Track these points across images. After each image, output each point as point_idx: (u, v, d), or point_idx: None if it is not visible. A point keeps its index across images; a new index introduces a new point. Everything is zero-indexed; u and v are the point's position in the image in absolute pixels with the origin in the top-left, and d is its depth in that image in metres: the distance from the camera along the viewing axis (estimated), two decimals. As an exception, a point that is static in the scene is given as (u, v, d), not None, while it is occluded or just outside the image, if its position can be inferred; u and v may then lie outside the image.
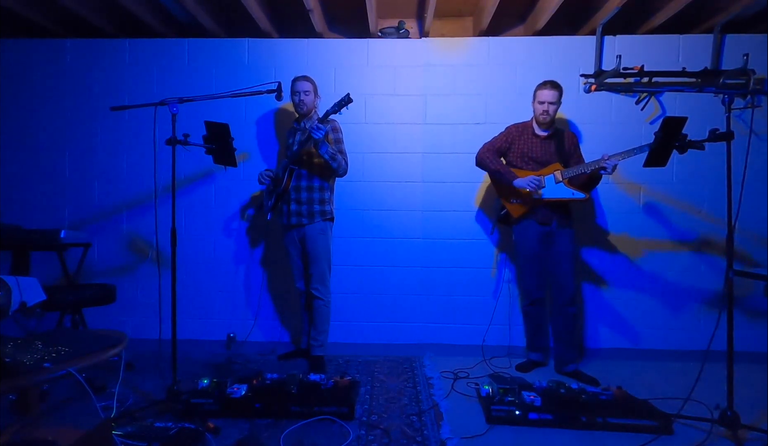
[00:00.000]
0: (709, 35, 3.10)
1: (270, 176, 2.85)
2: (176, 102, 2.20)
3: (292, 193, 2.78)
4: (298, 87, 2.76)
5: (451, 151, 3.23)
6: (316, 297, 2.79)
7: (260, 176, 2.87)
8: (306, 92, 2.76)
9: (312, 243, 2.76)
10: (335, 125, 2.79)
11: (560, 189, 2.66)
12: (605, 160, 2.54)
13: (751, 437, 1.93)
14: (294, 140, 2.83)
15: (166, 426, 1.91)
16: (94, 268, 3.30)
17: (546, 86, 2.68)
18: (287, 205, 2.81)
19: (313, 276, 2.79)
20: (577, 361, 2.77)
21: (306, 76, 2.81)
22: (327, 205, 2.81)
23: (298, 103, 2.77)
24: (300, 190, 2.77)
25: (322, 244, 2.78)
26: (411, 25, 3.37)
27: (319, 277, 2.78)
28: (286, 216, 2.82)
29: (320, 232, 2.78)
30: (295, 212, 2.78)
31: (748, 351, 2.99)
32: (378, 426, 2.04)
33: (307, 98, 2.77)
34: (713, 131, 2.00)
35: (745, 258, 3.10)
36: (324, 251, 2.79)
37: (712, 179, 3.13)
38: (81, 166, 3.32)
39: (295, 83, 2.78)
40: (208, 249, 3.30)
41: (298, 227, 2.80)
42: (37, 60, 3.31)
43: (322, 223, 2.78)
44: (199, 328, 3.29)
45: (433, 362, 2.88)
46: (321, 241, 2.78)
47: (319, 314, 2.79)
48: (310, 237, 2.76)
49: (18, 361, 1.36)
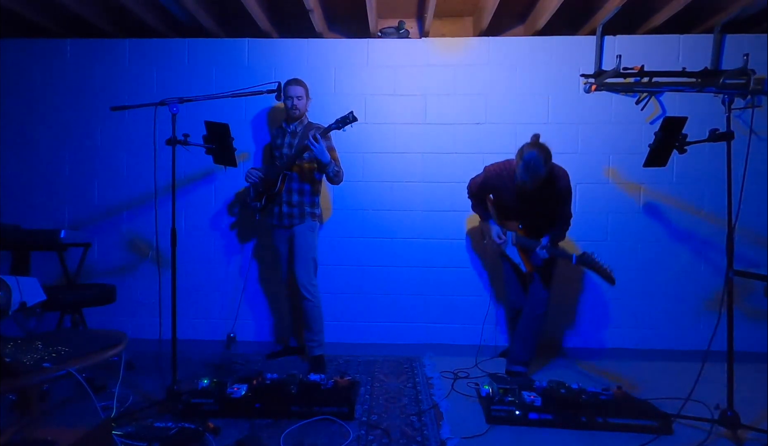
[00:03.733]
0: (709, 35, 3.10)
1: (259, 175, 2.83)
2: (176, 102, 2.20)
3: (283, 195, 2.78)
4: (291, 92, 2.77)
5: (451, 151, 3.23)
6: (305, 299, 2.74)
7: (248, 174, 2.84)
8: (299, 97, 2.77)
9: (300, 240, 2.76)
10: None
11: (514, 252, 2.68)
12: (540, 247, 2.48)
13: (751, 437, 1.93)
14: (283, 142, 2.82)
15: (166, 426, 1.91)
16: (94, 268, 3.30)
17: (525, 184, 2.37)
18: (278, 206, 2.81)
19: (300, 274, 2.74)
20: (529, 367, 2.64)
21: (298, 79, 2.81)
22: (317, 208, 2.85)
23: (291, 107, 2.78)
24: (291, 192, 2.77)
25: (310, 242, 2.78)
26: (411, 25, 3.37)
27: (306, 275, 2.75)
28: (277, 217, 2.82)
29: (309, 230, 2.79)
30: (286, 214, 2.79)
31: (748, 351, 2.99)
32: (378, 426, 2.04)
33: (300, 102, 2.78)
34: (713, 131, 2.00)
35: (745, 258, 3.10)
36: (311, 249, 2.78)
37: (712, 179, 3.12)
38: (81, 166, 3.32)
39: (288, 88, 2.78)
40: (208, 249, 3.30)
41: (288, 227, 2.81)
42: (37, 60, 3.30)
43: (311, 222, 2.80)
44: (199, 328, 3.30)
45: (433, 362, 2.88)
46: (309, 238, 2.78)
47: (310, 315, 2.75)
48: (298, 234, 2.76)
49: (18, 361, 1.36)
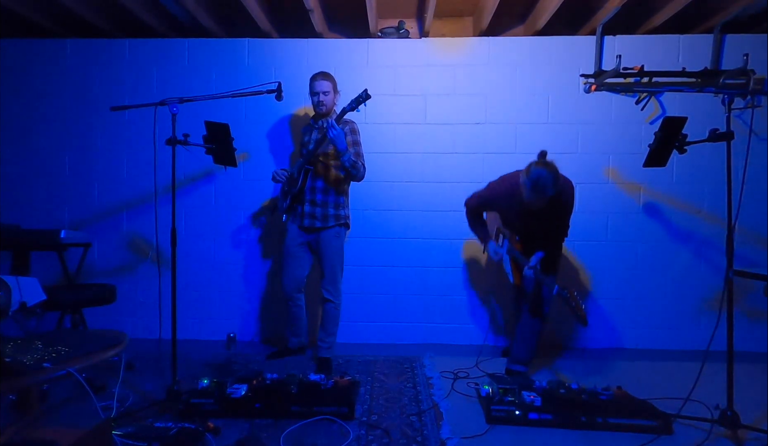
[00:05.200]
0: (709, 35, 3.10)
1: (285, 175, 2.73)
2: (176, 102, 2.20)
3: (307, 193, 2.66)
4: (316, 87, 2.61)
5: (451, 151, 3.23)
6: (327, 300, 2.73)
7: (275, 174, 2.75)
8: (325, 92, 2.60)
9: (326, 247, 2.69)
10: (353, 126, 2.66)
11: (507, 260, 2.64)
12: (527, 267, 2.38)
13: (751, 437, 1.93)
14: (310, 139, 2.72)
15: (166, 426, 1.90)
16: (94, 268, 3.30)
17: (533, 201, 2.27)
18: (301, 205, 2.69)
19: (326, 277, 2.72)
20: (529, 366, 2.61)
21: (325, 73, 2.65)
22: (342, 210, 2.71)
23: (317, 103, 2.62)
24: (315, 191, 2.66)
25: (336, 247, 2.71)
26: (411, 25, 3.37)
27: (332, 279, 2.72)
28: (300, 217, 2.70)
29: (335, 236, 2.69)
30: (308, 213, 2.67)
31: (748, 351, 3.00)
32: (378, 426, 2.04)
33: (327, 98, 2.61)
34: (713, 131, 1.99)
35: (745, 258, 3.10)
36: (338, 254, 2.72)
37: (712, 179, 3.12)
38: (81, 166, 3.32)
39: (314, 83, 2.63)
40: (208, 249, 3.30)
41: (310, 230, 2.71)
42: (37, 60, 3.30)
43: (337, 227, 2.70)
44: (199, 328, 3.30)
45: (433, 362, 2.88)
46: (335, 244, 2.70)
47: (329, 317, 2.75)
48: (324, 241, 2.69)
49: (18, 361, 1.36)
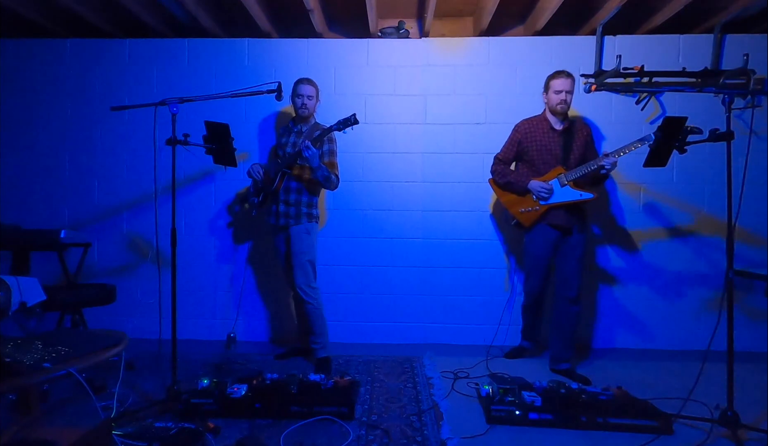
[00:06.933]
0: (709, 35, 3.10)
1: (261, 173, 2.79)
2: (176, 102, 2.20)
3: (281, 193, 2.72)
4: (301, 90, 2.71)
5: (451, 151, 3.23)
6: (305, 302, 2.69)
7: (251, 168, 2.81)
8: (309, 96, 2.72)
9: (296, 242, 2.69)
10: (330, 135, 2.72)
11: (567, 192, 2.63)
12: (603, 159, 2.54)
13: (751, 437, 1.93)
14: (288, 140, 2.78)
15: (166, 426, 1.90)
16: (94, 268, 3.30)
17: (561, 75, 2.63)
18: (276, 205, 2.75)
19: (297, 276, 2.69)
20: (572, 361, 2.74)
21: (310, 79, 2.76)
22: (314, 209, 2.77)
23: (301, 106, 2.72)
24: (289, 191, 2.71)
25: (306, 243, 2.70)
26: (411, 25, 3.37)
27: (303, 278, 2.68)
28: (274, 216, 2.76)
29: (305, 232, 2.71)
30: (283, 213, 2.72)
31: (748, 351, 3.00)
32: (378, 426, 2.04)
33: (310, 102, 2.73)
34: (713, 131, 1.99)
35: (745, 258, 3.10)
36: (308, 250, 2.71)
37: (712, 179, 3.13)
38: (81, 166, 3.32)
39: (299, 86, 2.72)
40: (208, 249, 3.30)
41: (285, 228, 2.75)
42: (37, 60, 3.30)
43: (308, 223, 2.73)
44: (199, 328, 3.30)
45: (433, 362, 2.88)
46: (306, 240, 2.70)
47: (312, 318, 2.71)
48: (294, 236, 2.70)
49: (18, 361, 1.36)
